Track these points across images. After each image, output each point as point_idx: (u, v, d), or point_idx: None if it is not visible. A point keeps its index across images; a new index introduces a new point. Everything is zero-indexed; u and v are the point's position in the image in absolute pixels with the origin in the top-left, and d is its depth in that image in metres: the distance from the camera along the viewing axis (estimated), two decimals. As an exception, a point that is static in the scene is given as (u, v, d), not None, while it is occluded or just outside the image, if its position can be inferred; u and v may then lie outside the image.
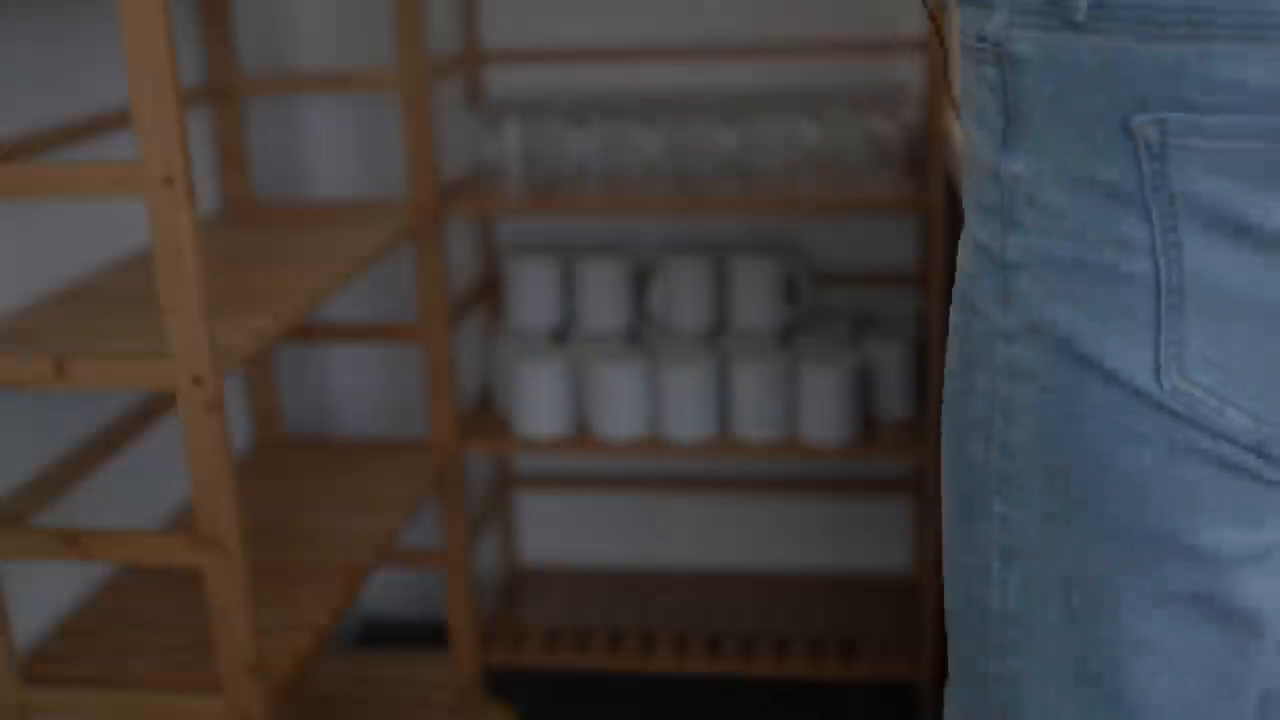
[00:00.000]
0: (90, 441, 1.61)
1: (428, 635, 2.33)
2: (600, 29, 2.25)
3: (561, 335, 2.23)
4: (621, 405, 2.13)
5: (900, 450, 2.05)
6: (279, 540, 1.73)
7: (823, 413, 2.05)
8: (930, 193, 1.94)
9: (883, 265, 2.32)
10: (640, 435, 2.15)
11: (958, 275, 0.77)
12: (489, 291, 2.37)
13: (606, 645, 2.29)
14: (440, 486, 2.11)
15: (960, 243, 0.78)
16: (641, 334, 2.22)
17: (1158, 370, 0.67)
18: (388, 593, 2.49)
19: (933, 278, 2.00)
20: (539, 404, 2.15)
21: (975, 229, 0.74)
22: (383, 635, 2.51)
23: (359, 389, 2.50)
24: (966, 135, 0.76)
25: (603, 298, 2.20)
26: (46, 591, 1.54)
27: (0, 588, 1.34)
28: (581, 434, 2.18)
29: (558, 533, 2.57)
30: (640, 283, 2.25)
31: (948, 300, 2.05)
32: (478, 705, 2.22)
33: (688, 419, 2.12)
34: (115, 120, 1.63)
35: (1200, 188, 0.64)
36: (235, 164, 1.99)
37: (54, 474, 1.52)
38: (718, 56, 2.18)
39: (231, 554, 1.27)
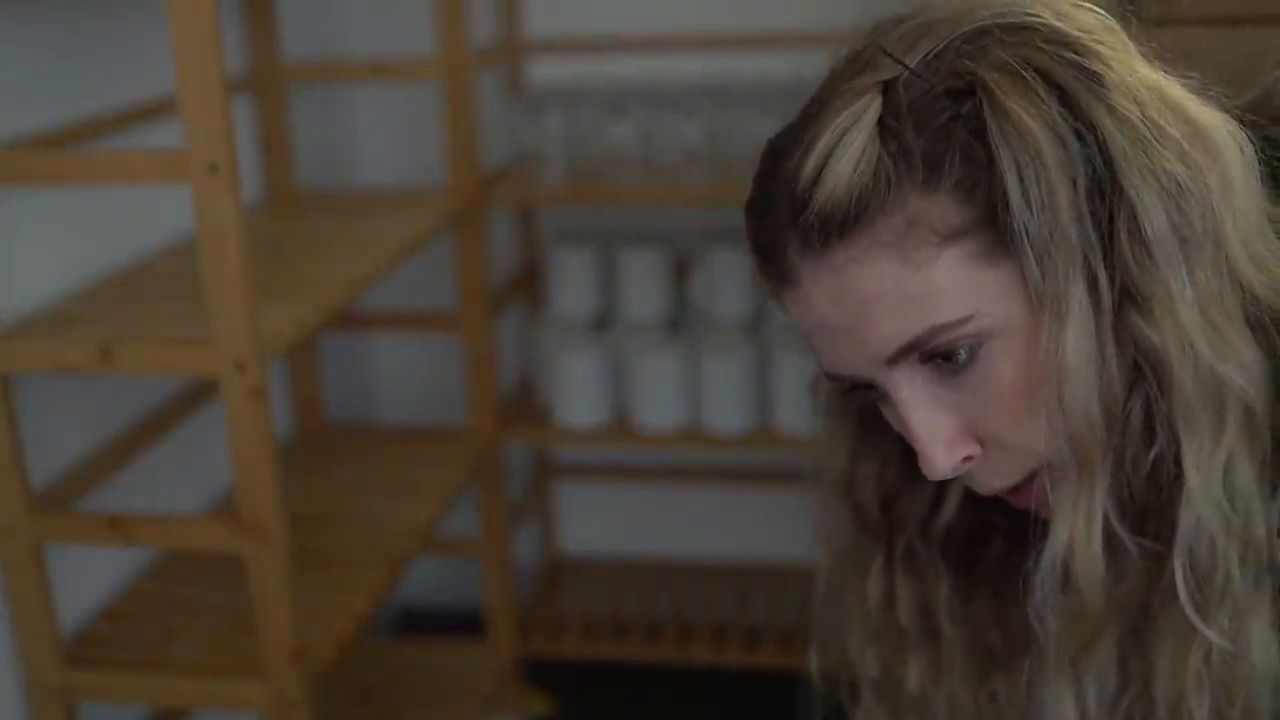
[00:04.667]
0: (135, 427, 1.62)
1: (466, 624, 2.33)
2: (640, 18, 2.24)
3: (601, 325, 2.23)
4: (661, 395, 2.12)
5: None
6: (320, 527, 1.74)
7: (863, 405, 2.04)
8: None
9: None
10: (680, 425, 2.14)
11: None
12: (529, 281, 2.37)
13: (644, 636, 2.29)
14: (479, 475, 2.11)
15: None
16: (681, 324, 2.21)
17: None
18: (427, 581, 2.50)
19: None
20: (578, 393, 2.15)
21: None
22: (421, 623, 2.52)
23: (399, 377, 2.50)
24: None
25: (643, 287, 2.19)
26: (90, 575, 1.55)
27: (44, 571, 1.35)
28: (621, 424, 2.18)
29: (597, 522, 2.57)
30: (680, 272, 2.24)
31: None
32: (515, 694, 2.22)
33: (728, 409, 2.11)
34: (161, 108, 1.64)
35: None
36: (278, 152, 1.99)
37: (98, 459, 1.53)
38: (757, 45, 2.17)
39: (273, 540, 1.28)
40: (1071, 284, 0.67)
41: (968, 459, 0.73)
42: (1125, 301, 0.68)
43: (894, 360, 0.71)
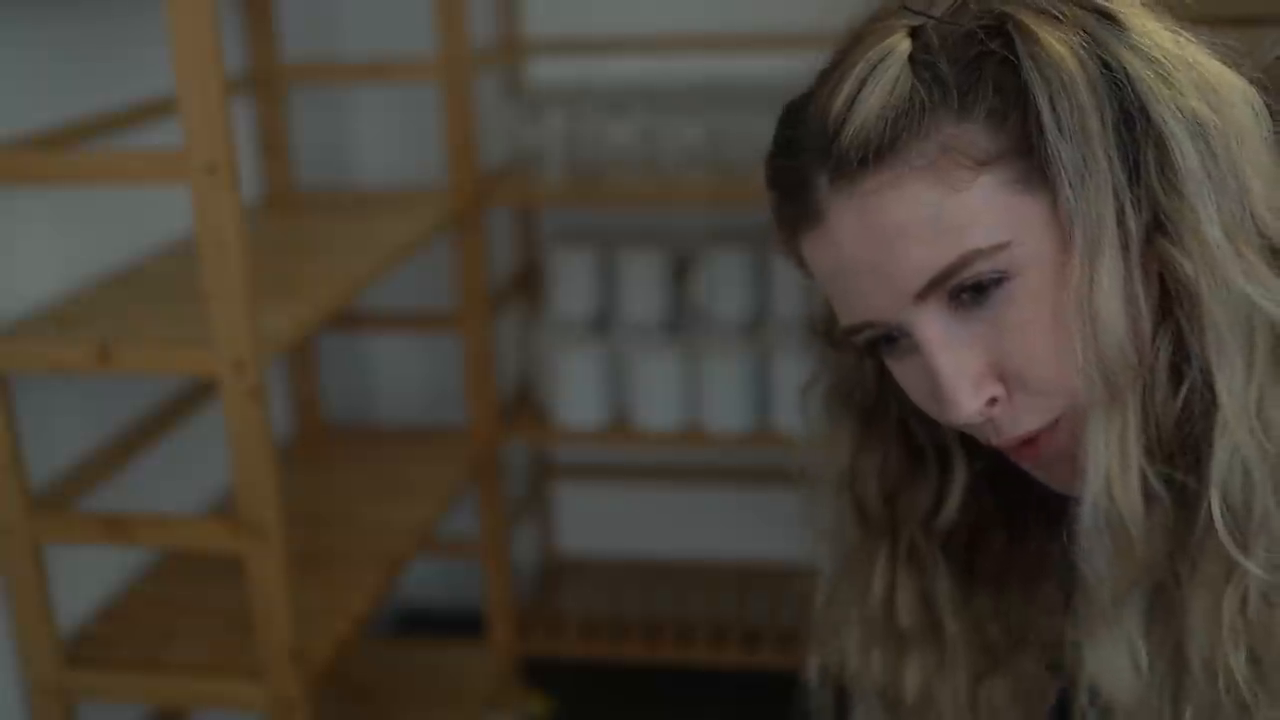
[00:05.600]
0: (134, 427, 1.62)
1: (465, 624, 2.33)
2: (640, 18, 2.23)
3: (601, 325, 2.23)
4: (661, 395, 2.12)
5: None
6: (319, 527, 1.74)
7: (863, 405, 2.04)
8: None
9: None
10: (680, 425, 2.14)
11: None
12: (529, 280, 2.37)
13: (643, 636, 2.29)
14: (479, 475, 2.11)
15: None
16: (681, 324, 2.21)
17: None
18: (426, 581, 2.50)
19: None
20: (578, 393, 2.15)
21: None
22: (421, 623, 2.52)
23: (399, 377, 2.50)
24: None
25: (642, 287, 2.19)
26: (89, 575, 1.55)
27: (43, 571, 1.35)
28: (620, 424, 2.18)
29: (596, 522, 2.57)
30: (680, 272, 2.24)
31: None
32: (514, 694, 2.22)
33: (727, 409, 2.11)
34: (160, 108, 1.63)
35: None
36: (278, 152, 1.99)
37: (97, 459, 1.53)
38: (757, 45, 2.17)
39: (272, 540, 1.28)
40: (1104, 212, 0.67)
41: (992, 402, 0.72)
42: (1155, 231, 0.68)
43: (923, 295, 0.70)
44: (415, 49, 2.14)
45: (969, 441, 0.85)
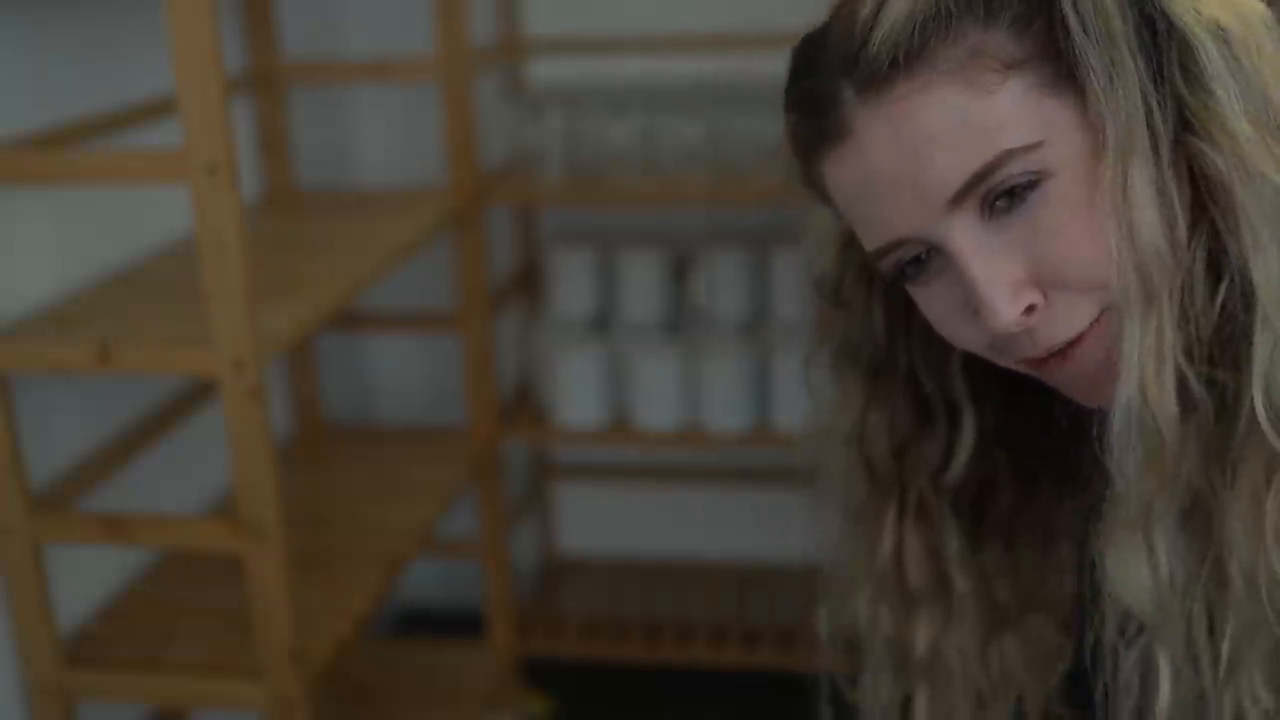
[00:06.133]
0: (134, 427, 1.61)
1: (465, 624, 2.33)
2: (640, 18, 2.23)
3: (601, 325, 2.23)
4: (660, 395, 2.12)
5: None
6: (318, 527, 1.74)
7: (863, 405, 2.04)
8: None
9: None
10: (679, 425, 2.14)
11: None
12: (529, 280, 2.37)
13: (643, 636, 2.29)
14: (479, 475, 2.11)
15: None
16: (681, 324, 2.21)
17: None
18: (426, 581, 2.50)
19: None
20: (578, 393, 2.15)
21: None
22: (420, 623, 2.52)
23: (399, 377, 2.50)
24: None
25: (642, 287, 2.19)
26: (89, 575, 1.55)
27: (43, 571, 1.35)
28: (620, 424, 2.18)
29: (596, 522, 2.56)
30: (680, 272, 2.24)
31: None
32: (514, 694, 2.22)
33: (727, 409, 2.11)
34: (160, 108, 1.63)
35: None
36: (278, 152, 1.99)
37: (97, 459, 1.53)
38: (757, 45, 2.17)
39: (272, 540, 1.28)
40: (1133, 112, 0.68)
41: (1029, 311, 0.71)
42: (1183, 130, 0.69)
43: (956, 201, 0.70)
44: (415, 49, 2.14)
45: (978, 395, 0.86)
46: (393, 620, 2.53)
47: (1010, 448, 0.86)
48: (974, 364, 0.82)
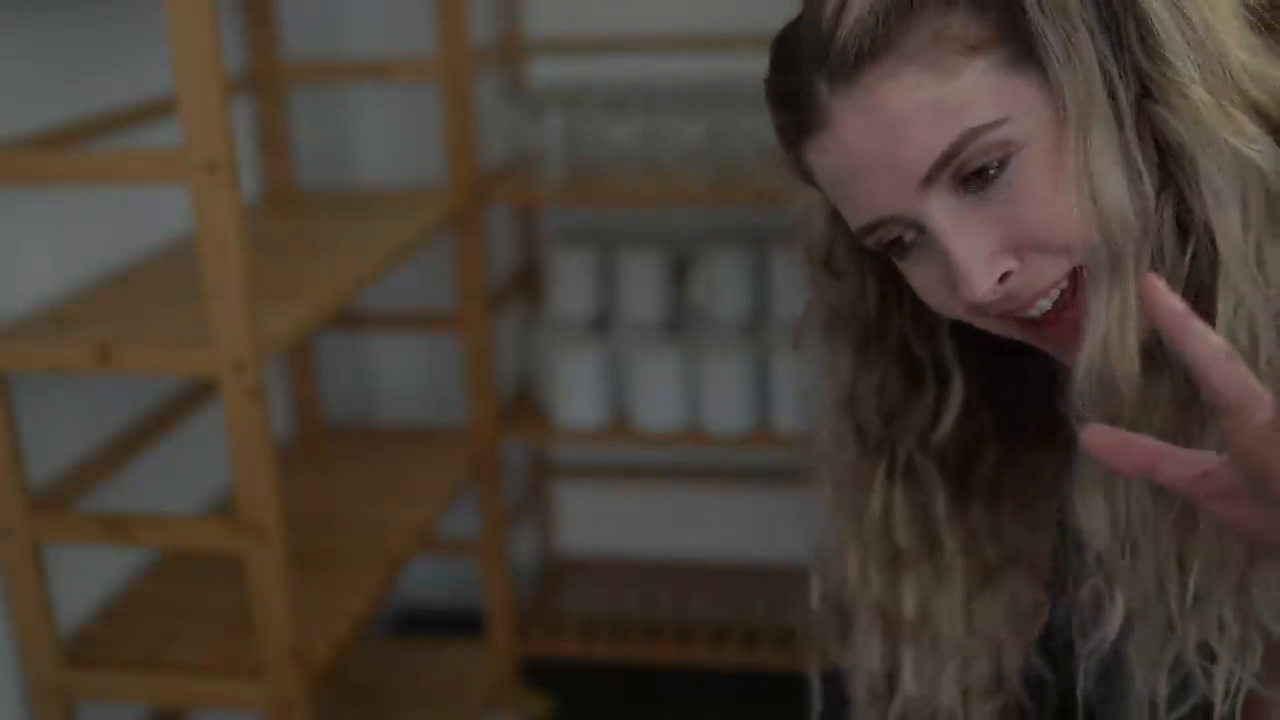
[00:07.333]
0: (134, 427, 1.61)
1: (465, 624, 2.33)
2: (640, 18, 2.23)
3: (601, 325, 2.23)
4: (660, 395, 2.12)
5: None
6: (318, 527, 1.74)
7: (863, 405, 2.04)
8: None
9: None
10: (679, 425, 2.14)
11: None
12: (528, 280, 2.37)
13: (643, 636, 2.29)
14: (479, 475, 2.11)
15: None
16: (681, 324, 2.21)
17: None
18: (425, 581, 2.50)
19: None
20: (577, 393, 2.15)
21: None
22: (420, 623, 2.52)
23: (398, 377, 2.50)
24: None
25: (642, 287, 2.19)
26: (89, 575, 1.55)
27: (43, 571, 1.35)
28: (620, 424, 2.18)
29: (595, 522, 2.56)
30: (680, 272, 2.24)
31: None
32: (514, 694, 2.22)
33: (727, 409, 2.11)
34: (160, 108, 1.63)
35: None
36: (278, 151, 1.99)
37: (97, 459, 1.53)
38: (757, 45, 2.17)
39: (271, 540, 1.28)
40: (1092, 83, 0.71)
41: (1005, 277, 0.74)
42: (1143, 98, 0.72)
43: (930, 179, 0.73)
44: (415, 49, 2.14)
45: (965, 358, 0.88)
46: (393, 620, 2.53)
47: (995, 407, 0.89)
48: (961, 327, 0.84)
